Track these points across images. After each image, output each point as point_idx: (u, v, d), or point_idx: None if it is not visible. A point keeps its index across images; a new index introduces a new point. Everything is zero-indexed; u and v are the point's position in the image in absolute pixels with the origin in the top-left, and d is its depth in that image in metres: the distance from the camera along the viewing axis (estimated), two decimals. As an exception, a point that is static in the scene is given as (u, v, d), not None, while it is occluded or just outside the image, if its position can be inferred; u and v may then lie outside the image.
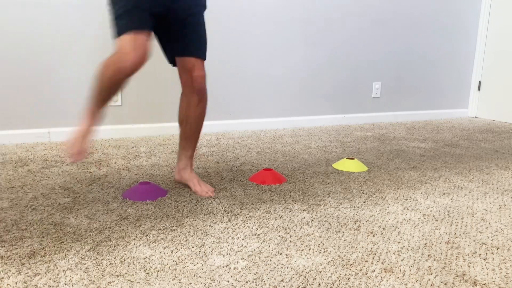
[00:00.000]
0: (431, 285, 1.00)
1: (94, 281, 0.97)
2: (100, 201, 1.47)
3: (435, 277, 1.03)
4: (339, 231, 1.28)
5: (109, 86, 1.42)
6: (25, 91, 2.28)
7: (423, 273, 1.05)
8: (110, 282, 0.97)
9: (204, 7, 1.63)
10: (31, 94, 2.30)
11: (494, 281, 1.02)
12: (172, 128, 2.65)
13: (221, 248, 1.15)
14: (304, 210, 1.43)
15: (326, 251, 1.15)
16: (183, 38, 1.54)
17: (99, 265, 1.04)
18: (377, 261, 1.10)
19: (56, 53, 2.31)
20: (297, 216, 1.39)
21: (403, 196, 1.62)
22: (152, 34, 1.46)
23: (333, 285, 0.99)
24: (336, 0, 3.05)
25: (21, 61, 2.25)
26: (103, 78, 1.40)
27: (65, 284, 0.96)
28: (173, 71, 2.68)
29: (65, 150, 1.44)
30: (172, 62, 1.62)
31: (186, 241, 1.19)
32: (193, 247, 1.15)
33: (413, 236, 1.26)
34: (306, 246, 1.18)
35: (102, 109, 1.50)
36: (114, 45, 1.38)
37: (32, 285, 0.95)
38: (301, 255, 1.12)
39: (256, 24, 2.81)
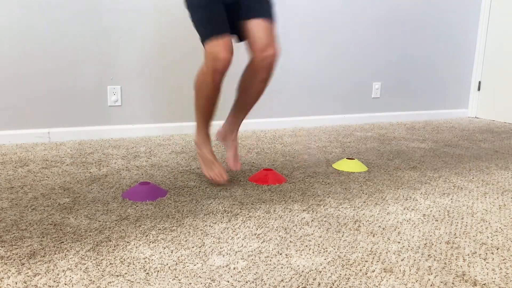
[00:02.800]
0: (431, 285, 1.00)
1: (94, 281, 0.97)
2: (100, 201, 1.47)
3: (435, 277, 1.03)
4: (339, 231, 1.28)
5: (211, 92, 1.56)
6: (25, 91, 2.28)
7: (423, 273, 1.05)
8: (110, 282, 0.97)
9: None
10: (31, 94, 2.30)
11: (494, 281, 1.02)
12: (172, 128, 2.66)
13: (221, 248, 1.15)
14: (304, 210, 1.43)
15: (326, 251, 1.15)
16: (251, 2, 1.57)
17: (99, 265, 1.04)
18: (377, 261, 1.10)
19: (56, 53, 2.31)
20: (297, 216, 1.39)
21: (403, 196, 1.62)
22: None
23: (333, 285, 0.99)
24: (336, 0, 3.05)
25: (21, 61, 2.25)
26: (206, 86, 1.55)
27: (65, 284, 0.96)
28: (173, 71, 2.69)
29: (213, 181, 1.64)
30: (240, 37, 1.64)
31: (186, 241, 1.19)
32: (193, 247, 1.15)
33: (413, 236, 1.26)
34: (306, 246, 1.18)
35: (211, 124, 1.68)
36: (203, 49, 1.54)
37: (32, 285, 0.95)
38: (301, 255, 1.12)
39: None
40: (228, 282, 0.98)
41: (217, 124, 1.84)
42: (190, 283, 0.97)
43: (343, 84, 3.21)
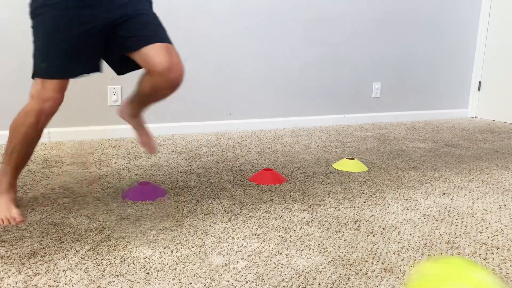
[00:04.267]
0: (431, 285, 1.00)
1: (94, 281, 0.97)
2: (100, 201, 1.47)
3: (435, 277, 1.03)
4: (339, 231, 1.28)
5: (32, 137, 1.33)
6: (25, 91, 2.28)
7: (423, 273, 1.05)
8: (110, 282, 0.97)
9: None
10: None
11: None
12: (172, 128, 2.66)
13: (221, 248, 1.15)
14: (304, 210, 1.43)
15: (326, 251, 1.15)
16: (139, 29, 1.36)
17: (99, 265, 1.04)
18: (377, 261, 1.10)
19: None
20: (297, 216, 1.39)
21: (403, 196, 1.62)
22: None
23: (333, 285, 0.99)
24: (336, 0, 3.05)
25: (21, 61, 2.25)
26: (26, 128, 1.30)
27: (65, 284, 0.96)
28: (173, 71, 2.67)
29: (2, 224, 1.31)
30: (117, 66, 1.45)
31: (186, 241, 1.19)
32: (193, 247, 1.15)
33: (413, 236, 1.26)
34: (306, 246, 1.18)
35: (20, 172, 1.40)
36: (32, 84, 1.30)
37: (32, 285, 0.95)
38: (301, 255, 1.12)
39: (256, 24, 2.81)
40: (228, 282, 0.98)
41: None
42: (190, 283, 0.97)
43: (343, 84, 3.21)
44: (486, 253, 1.17)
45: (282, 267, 1.06)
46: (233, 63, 2.79)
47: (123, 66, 1.44)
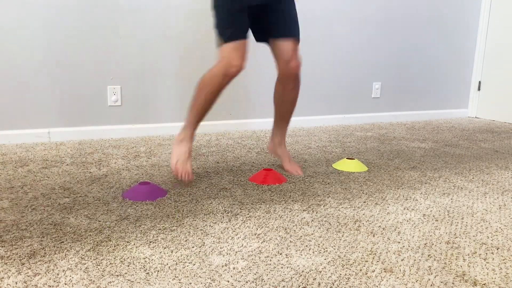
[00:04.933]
0: (431, 285, 1.00)
1: (94, 281, 0.97)
2: (100, 201, 1.47)
3: (435, 277, 1.03)
4: (339, 231, 1.28)
5: (213, 94, 1.62)
6: (25, 91, 2.28)
7: (423, 273, 1.05)
8: (110, 282, 0.97)
9: None
10: (31, 94, 2.30)
11: (494, 281, 1.02)
12: (172, 128, 2.65)
13: (221, 248, 1.15)
14: (304, 210, 1.43)
15: (326, 251, 1.15)
16: (279, 20, 1.69)
17: (99, 265, 1.04)
18: (377, 261, 1.10)
19: (56, 53, 2.31)
20: (297, 216, 1.39)
21: (403, 196, 1.62)
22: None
23: (333, 285, 0.99)
24: (336, 0, 3.05)
25: (21, 61, 2.25)
26: (210, 87, 1.60)
27: (65, 284, 0.96)
28: (173, 71, 2.69)
29: (173, 173, 1.66)
30: (261, 40, 1.76)
31: (186, 241, 1.19)
32: (193, 247, 1.15)
33: (413, 236, 1.26)
34: (306, 246, 1.18)
35: (199, 125, 1.73)
36: (218, 51, 1.61)
37: (32, 285, 0.95)
38: (301, 255, 1.12)
39: (256, 24, 2.81)
40: (228, 282, 0.98)
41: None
42: (190, 283, 0.97)
43: (343, 84, 3.21)
44: (486, 253, 1.17)
45: (282, 267, 1.06)
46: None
47: (261, 38, 1.77)
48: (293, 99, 1.82)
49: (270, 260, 1.09)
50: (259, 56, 2.87)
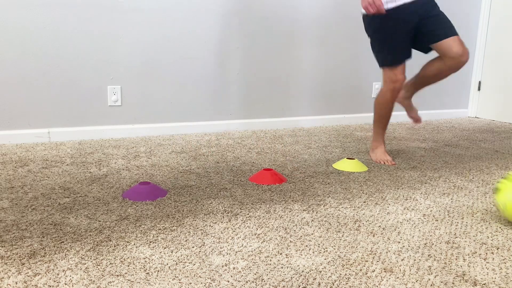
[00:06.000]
0: (431, 285, 1.00)
1: (94, 281, 0.97)
2: (100, 201, 1.47)
3: (435, 277, 1.03)
4: (339, 231, 1.28)
5: (389, 107, 2.06)
6: (25, 91, 2.28)
7: (423, 273, 1.05)
8: (110, 282, 0.97)
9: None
10: (31, 94, 2.30)
11: (494, 281, 1.02)
12: (172, 128, 2.66)
13: (221, 248, 1.15)
14: (304, 210, 1.43)
15: (326, 251, 1.15)
16: (437, 25, 1.95)
17: (99, 265, 1.04)
18: (377, 261, 1.10)
19: (56, 53, 2.31)
20: (297, 216, 1.39)
21: (403, 196, 1.62)
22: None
23: (333, 285, 0.99)
24: (336, 0, 3.05)
25: (21, 61, 2.25)
26: (386, 103, 2.04)
27: (65, 284, 0.96)
28: (173, 71, 2.69)
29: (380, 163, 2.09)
30: (425, 50, 2.05)
31: (186, 241, 1.19)
32: (193, 247, 1.15)
33: (413, 236, 1.26)
34: (306, 246, 1.18)
35: (385, 131, 2.18)
36: (382, 72, 2.02)
37: (32, 285, 0.95)
38: (301, 255, 1.12)
39: (256, 23, 2.81)
40: (228, 282, 0.99)
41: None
42: (190, 283, 0.97)
43: (343, 84, 3.21)
44: (486, 253, 1.17)
45: (282, 267, 1.06)
46: (233, 63, 2.79)
47: (425, 49, 2.05)
48: (445, 78, 2.07)
49: (270, 260, 1.09)
50: (259, 55, 2.88)
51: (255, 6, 2.78)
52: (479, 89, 3.79)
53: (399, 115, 3.48)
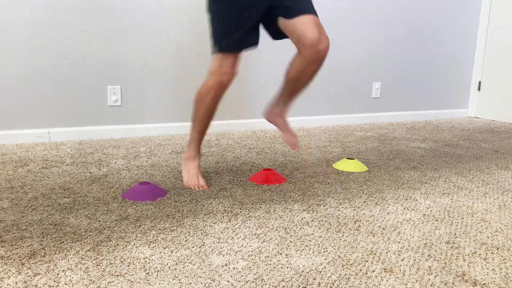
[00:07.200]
0: (431, 285, 1.00)
1: (94, 281, 0.97)
2: (100, 201, 1.47)
3: (435, 277, 1.03)
4: (339, 231, 1.28)
5: (212, 106, 1.59)
6: (25, 91, 2.28)
7: (423, 273, 1.05)
8: (110, 282, 0.97)
9: None
10: (31, 94, 2.30)
11: (494, 281, 1.02)
12: (172, 128, 2.66)
13: (221, 248, 1.15)
14: (304, 210, 1.43)
15: (326, 251, 1.15)
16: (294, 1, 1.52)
17: (99, 265, 1.04)
18: (377, 261, 1.10)
19: (56, 53, 2.31)
20: (297, 216, 1.39)
21: (403, 196, 1.62)
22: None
23: (333, 285, 0.99)
24: (336, 0, 3.05)
25: (21, 61, 2.25)
26: (209, 99, 1.56)
27: (65, 284, 0.96)
28: (174, 71, 2.69)
29: (187, 186, 1.65)
30: (275, 34, 1.60)
31: (186, 241, 1.19)
32: (193, 247, 1.15)
33: (413, 236, 1.26)
34: (306, 246, 1.18)
35: (203, 140, 1.71)
36: (212, 59, 1.57)
37: (32, 285, 0.95)
38: (301, 255, 1.12)
39: (256, 24, 2.81)
40: (228, 282, 0.98)
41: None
42: (190, 283, 0.97)
43: (343, 84, 3.21)
44: (486, 253, 1.17)
45: (282, 267, 1.06)
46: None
47: (278, 34, 1.60)
48: (311, 80, 1.64)
49: (270, 260, 1.09)
50: (259, 55, 2.87)
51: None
52: (479, 89, 3.79)
53: (398, 115, 3.49)
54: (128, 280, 0.98)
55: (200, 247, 1.15)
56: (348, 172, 1.90)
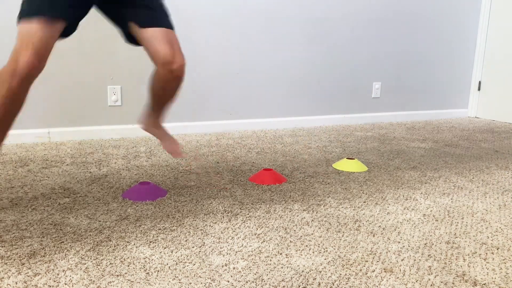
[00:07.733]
0: (431, 285, 1.00)
1: (94, 281, 0.97)
2: (100, 201, 1.47)
3: (435, 277, 1.03)
4: (339, 231, 1.28)
5: (8, 99, 1.14)
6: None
7: (423, 273, 1.05)
8: (110, 282, 0.97)
9: None
10: (31, 94, 2.29)
11: (494, 281, 1.02)
12: (172, 128, 2.65)
13: (221, 248, 1.15)
14: (304, 210, 1.43)
15: (326, 251, 1.15)
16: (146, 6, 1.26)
17: (99, 265, 1.04)
18: (377, 261, 1.10)
19: (56, 53, 2.31)
20: (297, 216, 1.39)
21: (403, 196, 1.62)
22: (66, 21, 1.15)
23: (333, 285, 0.99)
24: (336, 0, 3.05)
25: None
26: (5, 91, 1.13)
27: (65, 284, 0.96)
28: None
29: None
30: (132, 40, 1.36)
31: (186, 241, 1.19)
32: (193, 247, 1.15)
33: (413, 236, 1.26)
34: (306, 246, 1.18)
35: (5, 136, 1.23)
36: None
37: (32, 285, 0.95)
38: (301, 255, 1.12)
39: (256, 24, 2.81)
40: (228, 282, 0.98)
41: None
42: (190, 283, 0.97)
43: (343, 84, 3.21)
44: (486, 253, 1.17)
45: (282, 267, 1.06)
46: (233, 63, 2.79)
47: (132, 39, 1.36)
48: (174, 96, 1.45)
49: (270, 260, 1.09)
50: (259, 55, 2.88)
51: (255, 6, 2.78)
52: (479, 89, 3.79)
53: (398, 115, 3.49)
54: (128, 280, 0.98)
55: (200, 247, 1.15)
56: (348, 172, 1.90)
